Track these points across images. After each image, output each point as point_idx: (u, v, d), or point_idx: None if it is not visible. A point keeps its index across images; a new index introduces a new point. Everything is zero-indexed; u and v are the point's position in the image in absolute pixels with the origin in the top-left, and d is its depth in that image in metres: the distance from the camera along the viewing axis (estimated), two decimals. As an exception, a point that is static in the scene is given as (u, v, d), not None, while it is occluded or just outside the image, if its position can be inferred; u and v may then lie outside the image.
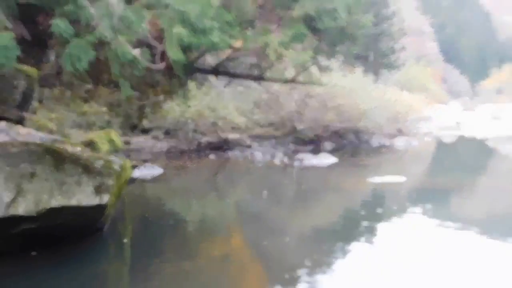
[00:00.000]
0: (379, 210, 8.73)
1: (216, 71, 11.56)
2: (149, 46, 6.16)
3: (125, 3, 6.00)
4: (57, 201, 5.22)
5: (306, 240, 6.86)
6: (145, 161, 11.65)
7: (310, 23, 8.28)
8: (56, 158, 5.52)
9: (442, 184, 12.04)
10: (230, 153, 14.55)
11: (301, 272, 5.26)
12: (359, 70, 23.36)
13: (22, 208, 5.03)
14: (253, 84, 14.15)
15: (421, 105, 35.31)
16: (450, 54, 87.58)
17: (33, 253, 5.32)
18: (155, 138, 15.25)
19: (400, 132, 22.12)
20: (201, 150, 14.81)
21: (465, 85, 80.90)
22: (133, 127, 15.36)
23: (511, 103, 49.33)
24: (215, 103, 15.22)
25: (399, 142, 19.84)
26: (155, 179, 10.50)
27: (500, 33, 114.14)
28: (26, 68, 7.78)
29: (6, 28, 5.58)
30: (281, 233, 7.25)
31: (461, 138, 24.66)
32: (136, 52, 5.79)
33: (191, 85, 14.42)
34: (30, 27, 6.14)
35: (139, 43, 6.00)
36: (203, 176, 12.01)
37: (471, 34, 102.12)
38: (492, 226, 7.41)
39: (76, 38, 5.84)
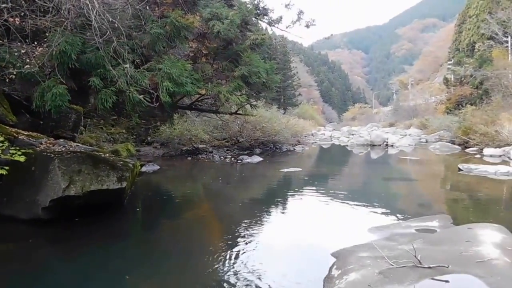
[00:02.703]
0: (287, 187, 8.90)
1: (191, 107, 11.51)
2: (149, 93, 6.08)
3: (134, 68, 5.94)
4: (94, 186, 5.13)
5: (245, 205, 6.93)
6: (149, 161, 11.42)
7: (245, 79, 8.38)
8: (94, 160, 5.42)
9: (322, 171, 12.38)
10: (200, 156, 14.43)
11: (244, 222, 5.35)
12: (274, 107, 23.76)
13: (73, 191, 4.94)
14: (213, 115, 14.17)
15: (310, 127, 36.10)
16: (326, 98, 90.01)
17: (76, 219, 5.17)
18: (155, 147, 15.02)
19: (298, 142, 22.48)
20: (182, 154, 14.63)
21: (335, 115, 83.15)
22: (142, 141, 15.07)
23: (360, 126, 51.29)
24: (190, 127, 15.11)
25: (298, 148, 20.10)
26: (155, 172, 10.31)
27: (352, 86, 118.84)
28: (75, 106, 7.56)
29: (61, 82, 5.43)
30: (230, 201, 7.30)
31: (333, 145, 25.29)
32: (141, 97, 5.75)
33: (175, 116, 14.29)
34: (77, 82, 6.00)
35: (143, 91, 5.94)
36: (184, 170, 11.87)
37: (337, 87, 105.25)
38: (349, 193, 7.68)
39: (104, 88, 5.74)
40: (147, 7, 6.57)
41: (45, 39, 5.51)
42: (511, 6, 30.14)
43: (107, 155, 6.23)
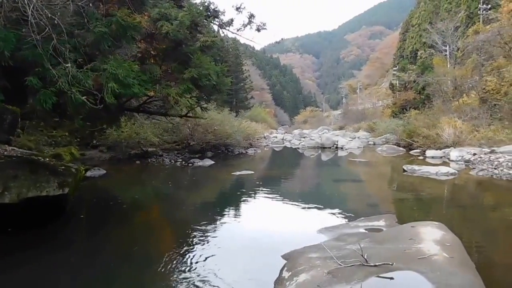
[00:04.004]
0: (240, 189, 8.94)
1: (138, 109, 11.19)
2: (93, 94, 5.83)
3: (76, 68, 5.68)
4: (32, 193, 4.86)
5: (198, 208, 6.90)
6: (94, 165, 10.98)
7: (195, 81, 8.30)
8: (32, 165, 5.16)
9: (274, 173, 12.56)
10: (149, 160, 14.09)
11: (195, 227, 5.31)
12: (226, 109, 23.71)
13: (8, 198, 4.63)
14: (162, 118, 13.87)
15: (263, 130, 36.42)
16: (278, 101, 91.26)
17: (9, 229, 4.84)
18: (101, 151, 14.51)
19: (251, 145, 22.56)
20: (131, 158, 14.21)
21: (287, 119, 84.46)
22: (87, 144, 14.43)
23: (311, 129, 52.58)
24: (139, 129, 14.75)
25: (250, 151, 20.20)
26: (101, 177, 9.94)
27: (303, 90, 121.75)
28: (11, 107, 7.12)
29: (-8, 82, 5.08)
30: (182, 205, 7.23)
31: (285, 148, 25.72)
32: (84, 98, 5.52)
33: (123, 118, 13.83)
34: (12, 81, 5.64)
35: (87, 92, 5.69)
36: (132, 174, 11.54)
37: (289, 90, 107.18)
38: (300, 195, 7.87)
39: (43, 89, 5.45)
40: (91, 4, 6.31)
41: (-26, 34, 5.12)
42: (449, 17, 32.46)
43: (47, 159, 5.92)
